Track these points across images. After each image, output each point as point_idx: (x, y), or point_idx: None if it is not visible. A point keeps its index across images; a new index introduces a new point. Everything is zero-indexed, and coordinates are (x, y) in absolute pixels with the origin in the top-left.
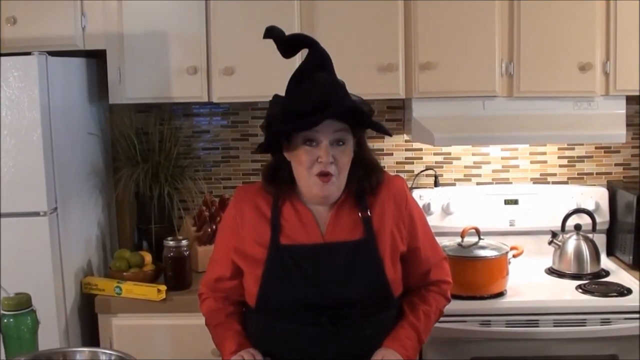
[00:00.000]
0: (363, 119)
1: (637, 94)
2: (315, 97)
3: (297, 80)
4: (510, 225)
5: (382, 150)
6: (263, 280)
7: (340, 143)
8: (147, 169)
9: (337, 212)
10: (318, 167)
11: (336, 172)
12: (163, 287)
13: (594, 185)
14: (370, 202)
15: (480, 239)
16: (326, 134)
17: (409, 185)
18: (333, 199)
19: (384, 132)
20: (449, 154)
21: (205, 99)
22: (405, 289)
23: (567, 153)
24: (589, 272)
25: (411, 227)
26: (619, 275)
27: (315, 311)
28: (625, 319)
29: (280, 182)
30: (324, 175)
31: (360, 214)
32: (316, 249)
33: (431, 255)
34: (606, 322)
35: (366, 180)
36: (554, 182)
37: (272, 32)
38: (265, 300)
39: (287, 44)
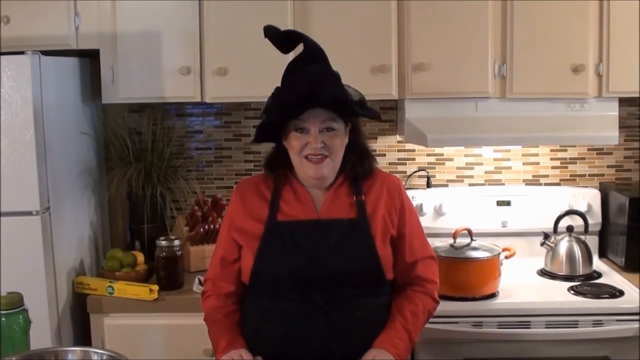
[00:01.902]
0: (348, 108)
1: (630, 95)
2: (300, 88)
3: (287, 73)
4: (503, 226)
5: (375, 151)
6: (258, 253)
7: (330, 130)
8: (140, 169)
9: (333, 193)
10: (308, 149)
11: (328, 154)
12: (155, 287)
13: (587, 186)
14: (365, 188)
15: (472, 240)
16: (315, 123)
17: None
18: (328, 181)
19: (372, 116)
20: (442, 155)
21: (198, 99)
22: (394, 283)
23: (560, 155)
24: (581, 273)
25: (401, 214)
26: (611, 277)
27: (307, 287)
28: (618, 320)
29: (279, 168)
30: (315, 156)
31: (355, 198)
32: (311, 224)
33: (419, 248)
34: (598, 323)
35: (359, 165)
36: (546, 184)
37: (268, 31)
38: (260, 273)
39: (281, 40)
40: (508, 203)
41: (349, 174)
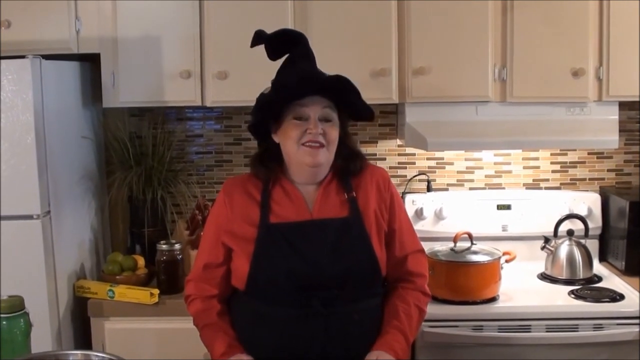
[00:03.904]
0: (348, 91)
1: (630, 99)
2: (303, 71)
3: (285, 64)
4: (503, 230)
5: (375, 155)
6: (254, 257)
7: (328, 120)
8: (141, 173)
9: (324, 191)
10: (307, 137)
11: (325, 144)
12: (156, 291)
13: (587, 190)
14: (355, 184)
15: (472, 244)
16: (315, 109)
17: (402, 191)
18: (322, 172)
19: (367, 111)
20: (442, 158)
21: (199, 103)
22: (385, 278)
23: (560, 158)
24: (581, 277)
25: (391, 208)
26: (612, 280)
27: (305, 292)
28: (618, 324)
29: (269, 163)
30: (313, 143)
31: (346, 195)
32: (305, 225)
33: (408, 242)
34: (598, 327)
35: (351, 161)
36: (546, 188)
37: (260, 36)
38: (257, 278)
39: (276, 39)
40: (508, 207)
41: (340, 166)
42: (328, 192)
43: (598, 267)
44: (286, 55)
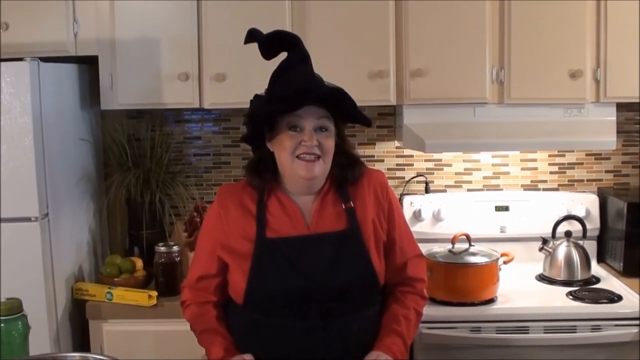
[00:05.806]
0: (345, 104)
1: (628, 101)
2: (299, 82)
3: (280, 71)
4: (501, 231)
5: (373, 156)
6: (251, 274)
7: (323, 130)
8: (139, 175)
9: (321, 203)
10: (302, 148)
11: (321, 155)
12: (154, 293)
13: (585, 192)
14: (352, 193)
15: (470, 245)
16: (309, 120)
17: (400, 192)
18: (318, 183)
19: (364, 120)
20: (440, 160)
21: (197, 105)
22: (384, 285)
23: (558, 160)
24: (579, 278)
25: (390, 216)
26: (610, 282)
27: (303, 305)
28: (616, 325)
29: (264, 173)
30: (309, 155)
31: (343, 206)
32: (302, 240)
33: (408, 248)
34: (596, 328)
35: (350, 170)
36: (544, 189)
37: (253, 35)
38: (254, 294)
39: (270, 41)
40: (506, 208)
41: (338, 176)
42: (325, 203)
43: (596, 268)
44: (281, 54)
